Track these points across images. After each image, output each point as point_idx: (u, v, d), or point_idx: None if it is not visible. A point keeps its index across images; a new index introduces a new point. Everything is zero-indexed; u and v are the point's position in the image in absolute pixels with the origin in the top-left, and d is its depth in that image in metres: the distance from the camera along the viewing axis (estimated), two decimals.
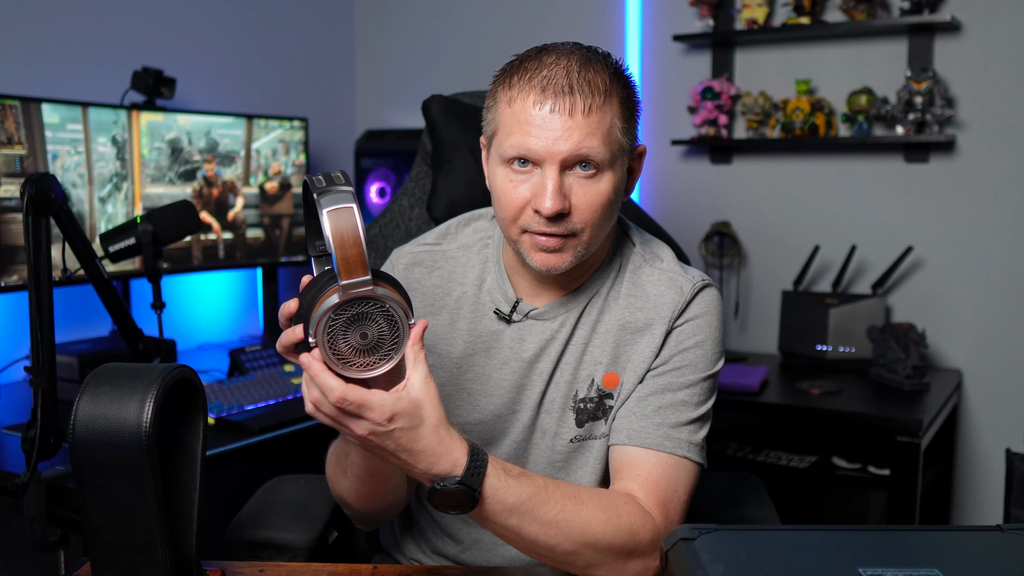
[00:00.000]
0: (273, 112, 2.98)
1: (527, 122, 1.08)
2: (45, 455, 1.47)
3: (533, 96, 1.08)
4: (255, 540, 1.37)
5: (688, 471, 1.15)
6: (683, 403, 1.16)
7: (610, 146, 1.10)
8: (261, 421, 1.90)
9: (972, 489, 2.64)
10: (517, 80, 1.10)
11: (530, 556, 1.08)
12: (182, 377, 0.93)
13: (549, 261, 1.12)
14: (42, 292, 1.45)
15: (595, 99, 1.08)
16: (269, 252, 2.76)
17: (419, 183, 1.68)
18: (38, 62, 2.39)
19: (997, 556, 0.85)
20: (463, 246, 1.29)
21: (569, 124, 1.07)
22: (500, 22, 3.20)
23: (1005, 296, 2.56)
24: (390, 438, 0.95)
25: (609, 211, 1.13)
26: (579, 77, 1.08)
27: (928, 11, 2.52)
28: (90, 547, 0.91)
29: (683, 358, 1.18)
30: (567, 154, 1.07)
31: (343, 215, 0.87)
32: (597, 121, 1.08)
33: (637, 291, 1.21)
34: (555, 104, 1.07)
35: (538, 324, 1.21)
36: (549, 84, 1.07)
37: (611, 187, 1.11)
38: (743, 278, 2.91)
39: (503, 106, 1.12)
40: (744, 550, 0.84)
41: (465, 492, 0.98)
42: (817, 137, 2.68)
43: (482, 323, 1.23)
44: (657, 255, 1.25)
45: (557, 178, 1.08)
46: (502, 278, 1.24)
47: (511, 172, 1.11)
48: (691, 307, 1.19)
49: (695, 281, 1.20)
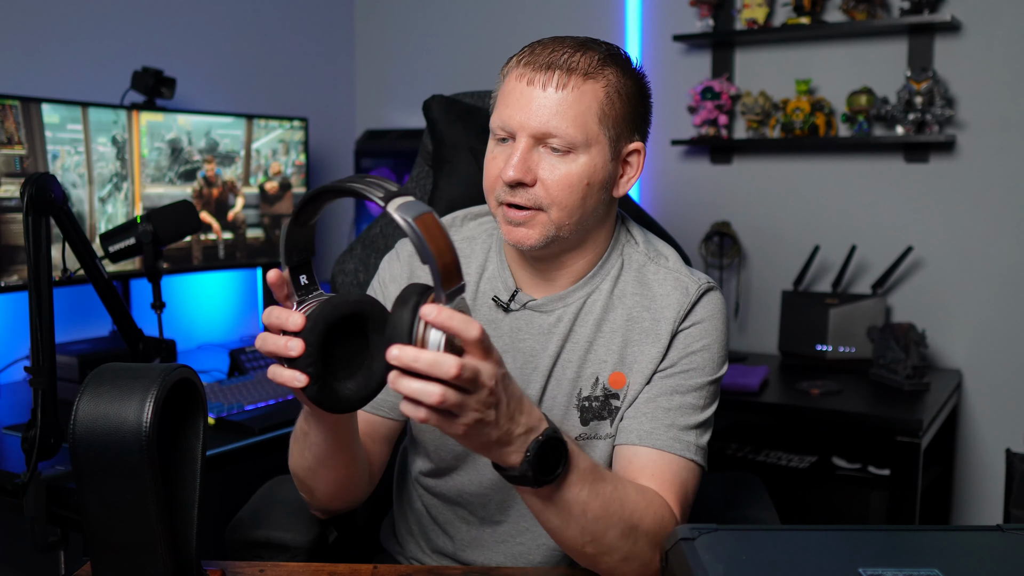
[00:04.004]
0: (273, 112, 2.98)
1: (510, 94, 1.12)
2: (45, 455, 1.47)
3: (518, 71, 1.13)
4: (255, 540, 1.37)
5: (695, 474, 1.15)
6: (691, 406, 1.16)
7: (583, 129, 1.10)
8: (261, 421, 1.90)
9: (972, 489, 2.64)
10: (515, 58, 1.15)
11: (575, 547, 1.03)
12: (182, 377, 0.93)
13: (517, 235, 1.14)
14: (42, 292, 1.45)
15: (572, 78, 1.10)
16: (269, 252, 2.76)
17: (420, 183, 1.68)
18: (38, 62, 2.39)
19: (997, 556, 0.85)
20: (467, 238, 1.30)
21: (542, 98, 1.10)
22: (500, 22, 3.20)
23: (1005, 296, 2.56)
24: (501, 399, 0.89)
25: (582, 195, 1.13)
26: (565, 57, 1.11)
27: (928, 11, 2.52)
28: (90, 547, 0.91)
29: (691, 361, 1.17)
30: (535, 128, 1.10)
31: (429, 222, 0.84)
32: (572, 100, 1.10)
33: (644, 290, 1.21)
34: (533, 78, 1.11)
35: (536, 316, 1.22)
36: (534, 60, 1.11)
37: (584, 171, 1.12)
38: (743, 278, 2.91)
39: (500, 82, 1.16)
40: (744, 550, 0.84)
41: (561, 443, 0.95)
42: (817, 137, 2.68)
43: (481, 311, 1.24)
44: (662, 254, 1.25)
45: (524, 149, 1.11)
46: (503, 267, 1.25)
47: (494, 145, 1.16)
48: (696, 310, 1.19)
49: (700, 284, 1.20)
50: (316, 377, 0.90)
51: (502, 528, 1.25)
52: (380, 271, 1.34)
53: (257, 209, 2.70)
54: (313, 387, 0.90)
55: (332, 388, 0.92)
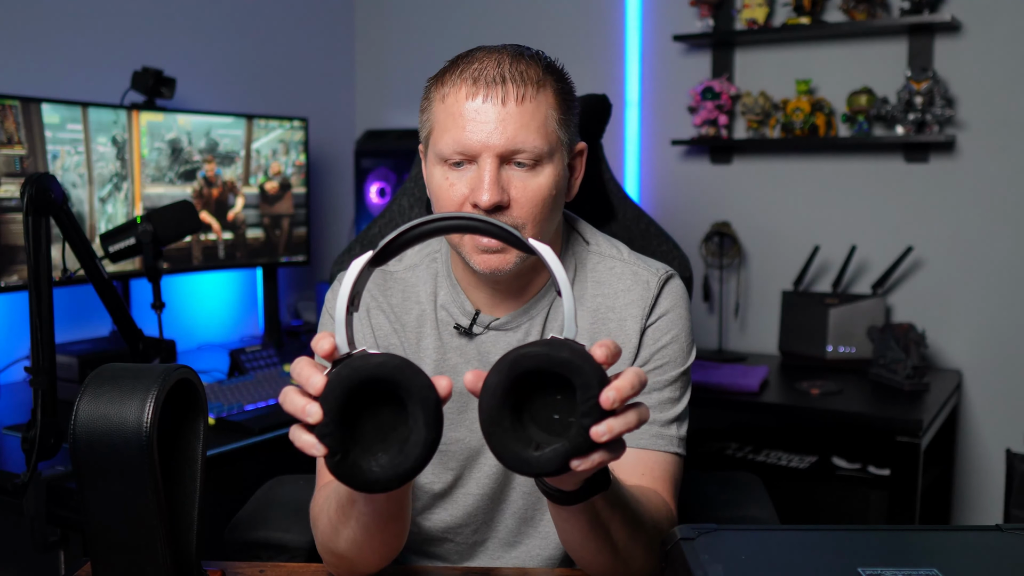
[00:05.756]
0: (273, 112, 2.98)
1: (461, 115, 1.06)
2: (45, 455, 1.47)
3: (465, 88, 1.06)
4: (255, 540, 1.37)
5: (680, 466, 1.16)
6: (668, 400, 1.16)
7: (547, 138, 1.07)
8: (261, 421, 1.91)
9: (972, 489, 2.64)
10: (449, 77, 1.09)
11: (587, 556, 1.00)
12: (182, 377, 0.93)
13: (491, 262, 1.09)
14: (42, 292, 1.45)
15: (528, 88, 1.06)
16: (269, 252, 2.76)
17: (419, 183, 1.68)
18: (38, 62, 2.40)
19: (997, 556, 0.85)
20: (410, 266, 1.23)
21: (503, 114, 1.05)
22: (500, 22, 3.20)
23: (1005, 296, 2.56)
24: None
25: (551, 206, 1.10)
26: (511, 67, 1.06)
27: (928, 11, 2.52)
28: (90, 547, 0.91)
29: (662, 355, 1.16)
30: (503, 146, 1.05)
31: None
32: (532, 111, 1.06)
33: (602, 288, 1.19)
34: (487, 94, 1.05)
35: (502, 335, 1.17)
36: (481, 75, 1.06)
37: (551, 181, 1.09)
38: (743, 278, 2.91)
39: (437, 104, 1.10)
40: (744, 550, 0.84)
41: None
42: (817, 137, 2.68)
43: (444, 340, 1.19)
44: (614, 246, 1.22)
45: (494, 170, 1.05)
46: (456, 292, 1.19)
47: (447, 171, 1.09)
48: (660, 302, 1.18)
49: (659, 274, 1.19)
50: (336, 449, 0.78)
51: (492, 543, 1.24)
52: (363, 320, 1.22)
53: (257, 209, 2.70)
54: (333, 460, 0.78)
55: (357, 464, 0.78)
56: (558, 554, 1.22)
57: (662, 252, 1.59)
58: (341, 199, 3.38)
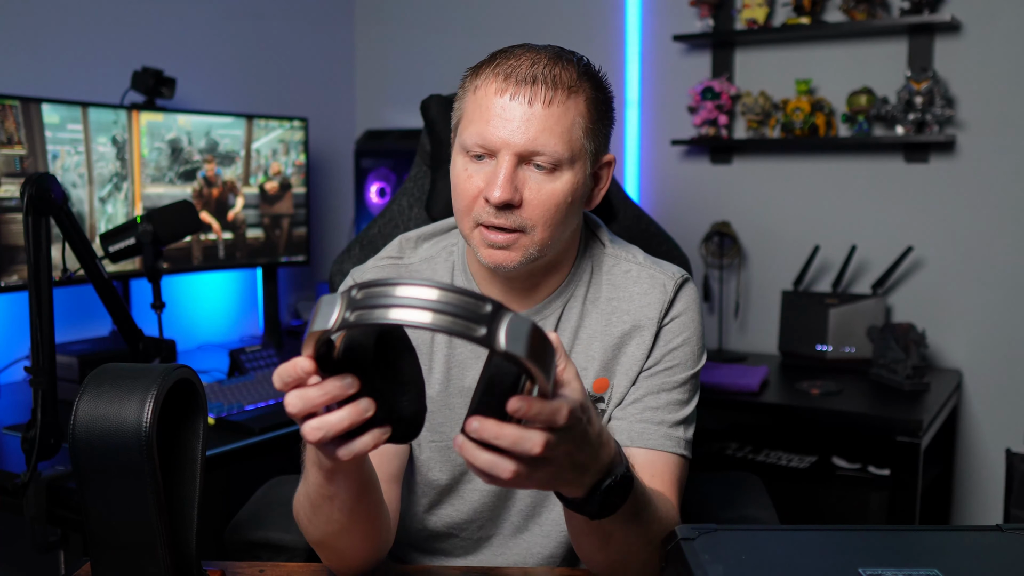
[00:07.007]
0: (273, 112, 2.98)
1: (488, 109, 1.06)
2: (45, 455, 1.47)
3: (496, 84, 1.06)
4: (254, 540, 1.37)
5: (685, 468, 1.16)
6: (677, 402, 1.17)
7: (570, 145, 1.07)
8: (261, 421, 1.90)
9: (972, 489, 2.64)
10: (484, 70, 1.09)
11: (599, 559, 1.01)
12: (182, 377, 0.93)
13: (497, 257, 1.09)
14: (42, 292, 1.45)
15: (558, 92, 1.05)
16: (269, 252, 2.76)
17: (418, 183, 1.68)
18: (38, 62, 2.39)
19: (997, 556, 0.85)
20: (426, 258, 1.24)
21: (528, 114, 1.05)
22: (500, 23, 3.20)
23: (1005, 296, 2.56)
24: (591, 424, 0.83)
25: (565, 213, 1.09)
26: (545, 69, 1.06)
27: (928, 11, 2.52)
28: (90, 547, 0.91)
29: (673, 357, 1.17)
30: (523, 146, 1.05)
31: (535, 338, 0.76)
32: (558, 116, 1.05)
33: (618, 292, 1.20)
34: (516, 92, 1.05)
35: None
36: (513, 73, 1.06)
37: (568, 188, 1.08)
38: (743, 278, 2.91)
39: (469, 94, 1.10)
40: (744, 550, 0.84)
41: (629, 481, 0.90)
42: (817, 137, 2.68)
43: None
44: (629, 251, 1.23)
45: (510, 168, 1.05)
46: (471, 285, 1.20)
47: (468, 162, 1.09)
48: (675, 304, 1.19)
49: (675, 277, 1.20)
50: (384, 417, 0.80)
51: (497, 538, 1.25)
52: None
53: (257, 209, 2.70)
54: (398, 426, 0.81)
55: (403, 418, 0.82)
56: (560, 552, 1.23)
57: (662, 252, 1.59)
58: (341, 199, 3.38)
